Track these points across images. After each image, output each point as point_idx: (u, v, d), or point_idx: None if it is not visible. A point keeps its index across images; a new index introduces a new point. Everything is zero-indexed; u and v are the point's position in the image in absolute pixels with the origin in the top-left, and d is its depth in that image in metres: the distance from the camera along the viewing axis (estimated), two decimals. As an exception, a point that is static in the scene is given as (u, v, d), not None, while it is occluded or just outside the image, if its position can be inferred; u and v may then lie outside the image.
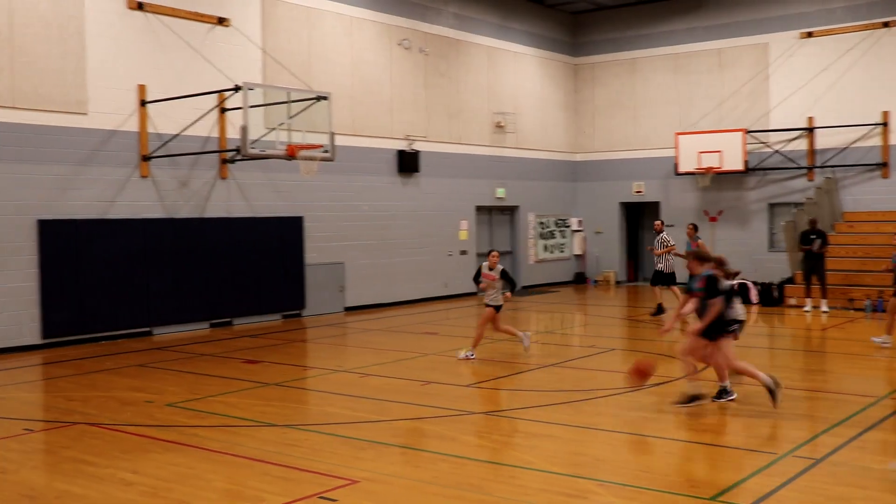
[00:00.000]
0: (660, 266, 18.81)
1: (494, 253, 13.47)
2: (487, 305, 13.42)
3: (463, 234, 23.52)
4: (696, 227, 19.39)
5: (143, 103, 16.40)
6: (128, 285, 16.19)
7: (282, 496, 6.96)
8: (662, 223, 20.04)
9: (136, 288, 16.30)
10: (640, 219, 27.84)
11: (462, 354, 13.32)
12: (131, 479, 7.49)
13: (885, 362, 13.24)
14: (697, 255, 10.24)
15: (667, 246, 18.70)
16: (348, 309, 20.08)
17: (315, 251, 19.44)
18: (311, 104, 15.84)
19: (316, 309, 19.38)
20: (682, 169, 24.29)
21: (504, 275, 13.36)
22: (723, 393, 10.21)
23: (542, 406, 10.35)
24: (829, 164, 23.03)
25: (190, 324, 17.05)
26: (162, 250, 16.67)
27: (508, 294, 13.39)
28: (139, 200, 16.48)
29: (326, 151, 16.05)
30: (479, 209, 24.23)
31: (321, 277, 19.50)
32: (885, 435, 8.82)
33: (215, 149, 17.51)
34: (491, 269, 13.32)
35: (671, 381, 11.70)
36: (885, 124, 22.37)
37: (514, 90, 25.27)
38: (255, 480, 7.41)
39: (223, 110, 17.48)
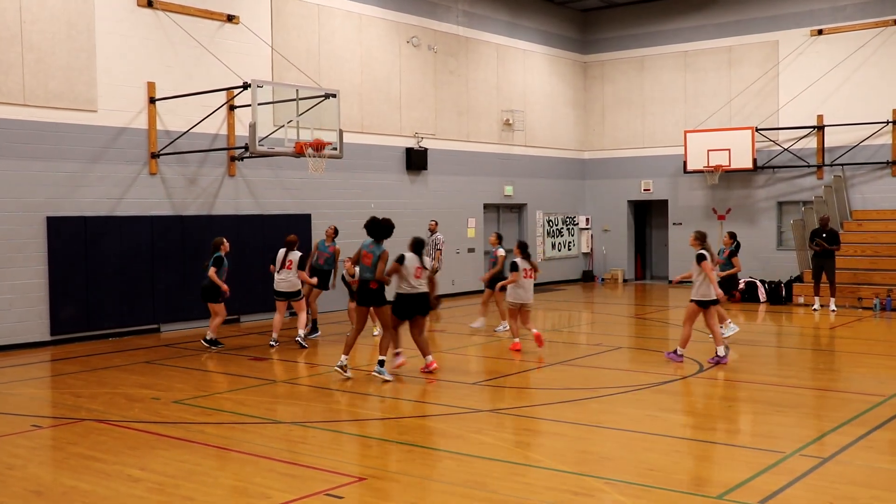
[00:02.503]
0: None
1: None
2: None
3: (471, 232, 23.50)
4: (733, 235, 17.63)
5: (152, 101, 16.43)
6: (136, 282, 16.23)
7: (288, 493, 6.97)
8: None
9: (143, 285, 16.34)
10: (647, 217, 27.79)
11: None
12: (138, 475, 7.51)
13: (893, 361, 13.18)
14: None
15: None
16: (356, 306, 20.06)
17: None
18: (320, 101, 15.85)
19: (324, 307, 19.36)
20: (690, 167, 24.24)
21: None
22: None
23: (548, 404, 10.35)
24: (838, 162, 22.95)
25: (197, 321, 17.07)
26: (170, 247, 16.72)
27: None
28: (147, 198, 16.53)
29: (335, 149, 16.06)
30: (487, 207, 24.21)
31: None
32: (893, 434, 8.78)
33: (224, 146, 17.53)
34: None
35: (675, 379, 11.68)
36: (895, 122, 22.27)
37: (523, 88, 25.24)
38: (261, 477, 7.42)
39: (232, 108, 17.52)
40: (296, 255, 14.48)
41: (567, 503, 6.69)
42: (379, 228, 11.78)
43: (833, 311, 18.84)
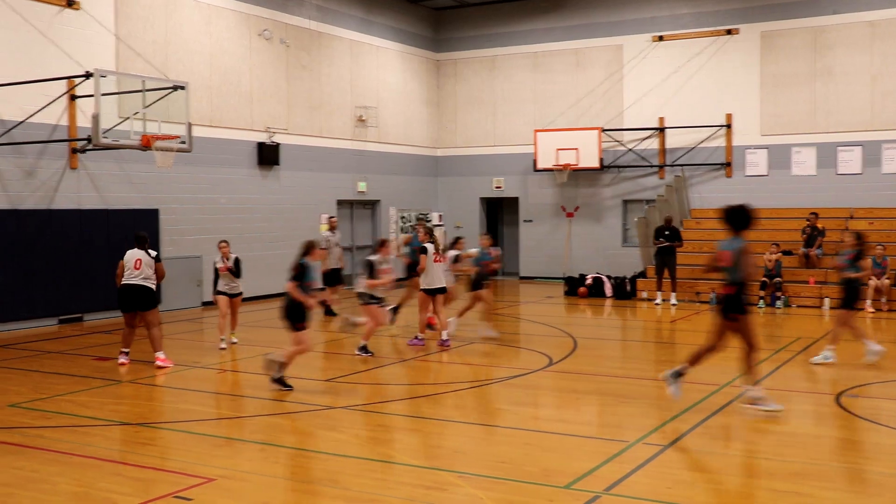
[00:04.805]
0: None
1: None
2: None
3: (323, 228, 23.33)
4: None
5: (-16, 88, 15.56)
6: (-33, 280, 15.34)
7: (134, 497, 6.74)
8: None
9: (-24, 283, 15.46)
10: (499, 214, 28.32)
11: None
12: (-30, 484, 7.10)
13: (726, 352, 13.91)
14: None
15: None
16: (205, 304, 19.60)
17: (171, 244, 18.89)
18: (168, 93, 15.40)
19: (172, 304, 18.84)
20: (540, 165, 24.85)
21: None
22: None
23: (401, 399, 10.40)
24: (678, 162, 24.04)
25: (36, 320, 16.29)
26: (5, 243, 15.86)
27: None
28: (-20, 190, 15.64)
29: (183, 142, 15.65)
30: (341, 203, 24.10)
31: (177, 271, 18.92)
32: (726, 420, 9.28)
33: (65, 137, 16.78)
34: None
35: (525, 373, 11.96)
36: (728, 126, 23.52)
37: (377, 84, 25.25)
38: (105, 482, 7.15)
39: (73, 97, 16.77)
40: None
41: (420, 498, 6.75)
42: (739, 217, 9.23)
43: (674, 304, 19.73)
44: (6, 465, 7.62)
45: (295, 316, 10.65)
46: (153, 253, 12.46)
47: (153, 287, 12.37)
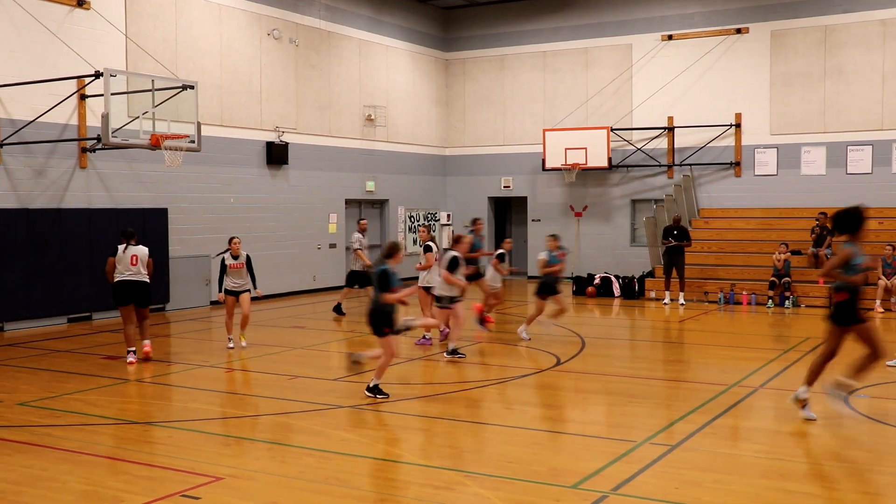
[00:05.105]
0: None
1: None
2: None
3: (332, 228, 23.37)
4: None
5: (-6, 87, 15.63)
6: (-23, 279, 15.39)
7: (142, 496, 6.76)
8: None
9: (-14, 281, 15.52)
10: (507, 213, 28.31)
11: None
12: (-21, 482, 7.14)
13: (735, 352, 13.89)
14: None
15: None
16: (214, 303, 19.64)
17: (180, 244, 18.94)
18: (178, 93, 15.44)
19: (180, 303, 18.91)
20: (549, 165, 24.83)
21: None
22: None
23: (410, 399, 10.41)
24: (686, 162, 23.99)
25: (46, 319, 16.35)
26: (15, 242, 15.91)
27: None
28: (-10, 189, 15.71)
29: (192, 142, 15.69)
30: (349, 202, 24.12)
31: (186, 271, 19.02)
32: (733, 421, 9.26)
33: (74, 137, 16.83)
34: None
35: (533, 373, 11.95)
36: (737, 125, 23.46)
37: (386, 84, 25.26)
38: (113, 480, 7.18)
39: (83, 97, 16.82)
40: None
41: (428, 497, 6.75)
42: (849, 220, 8.87)
43: (682, 304, 19.69)
44: (15, 463, 7.65)
45: (381, 322, 10.08)
46: (145, 249, 12.86)
47: (148, 281, 12.84)
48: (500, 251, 15.05)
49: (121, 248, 12.65)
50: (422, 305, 14.42)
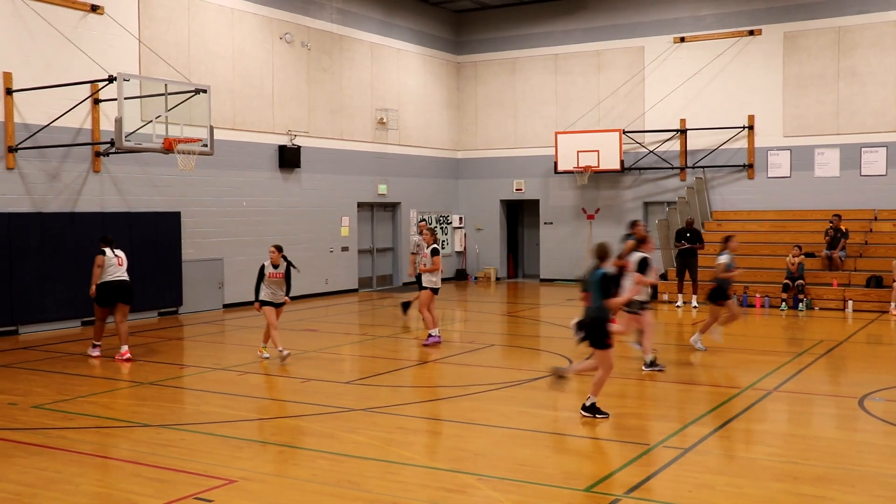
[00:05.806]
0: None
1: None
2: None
3: (344, 231, 23.41)
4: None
5: (8, 92, 15.69)
6: (-8, 282, 15.48)
7: (155, 498, 6.78)
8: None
9: (0, 285, 15.58)
10: (520, 216, 28.29)
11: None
12: (-6, 484, 7.17)
13: (747, 355, 13.83)
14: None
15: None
16: (227, 306, 19.71)
17: (193, 247, 19.01)
18: (190, 97, 15.49)
19: (193, 306, 18.97)
20: (561, 167, 24.80)
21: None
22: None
23: (422, 402, 10.41)
24: (699, 164, 23.92)
25: (60, 322, 16.43)
26: (29, 245, 15.99)
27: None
28: (5, 193, 15.78)
29: (205, 145, 15.74)
30: (361, 205, 24.15)
31: (199, 274, 19.08)
32: (746, 424, 9.22)
33: (88, 141, 16.92)
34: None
35: (546, 376, 11.93)
36: (750, 127, 23.37)
37: (398, 87, 25.29)
38: (127, 483, 7.20)
39: (97, 101, 16.91)
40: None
41: (441, 500, 6.75)
42: None
43: (695, 307, 19.62)
44: (29, 465, 7.69)
45: (603, 332, 9.40)
46: (123, 252, 13.62)
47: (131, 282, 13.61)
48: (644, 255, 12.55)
49: (108, 251, 13.14)
50: (422, 306, 14.44)
